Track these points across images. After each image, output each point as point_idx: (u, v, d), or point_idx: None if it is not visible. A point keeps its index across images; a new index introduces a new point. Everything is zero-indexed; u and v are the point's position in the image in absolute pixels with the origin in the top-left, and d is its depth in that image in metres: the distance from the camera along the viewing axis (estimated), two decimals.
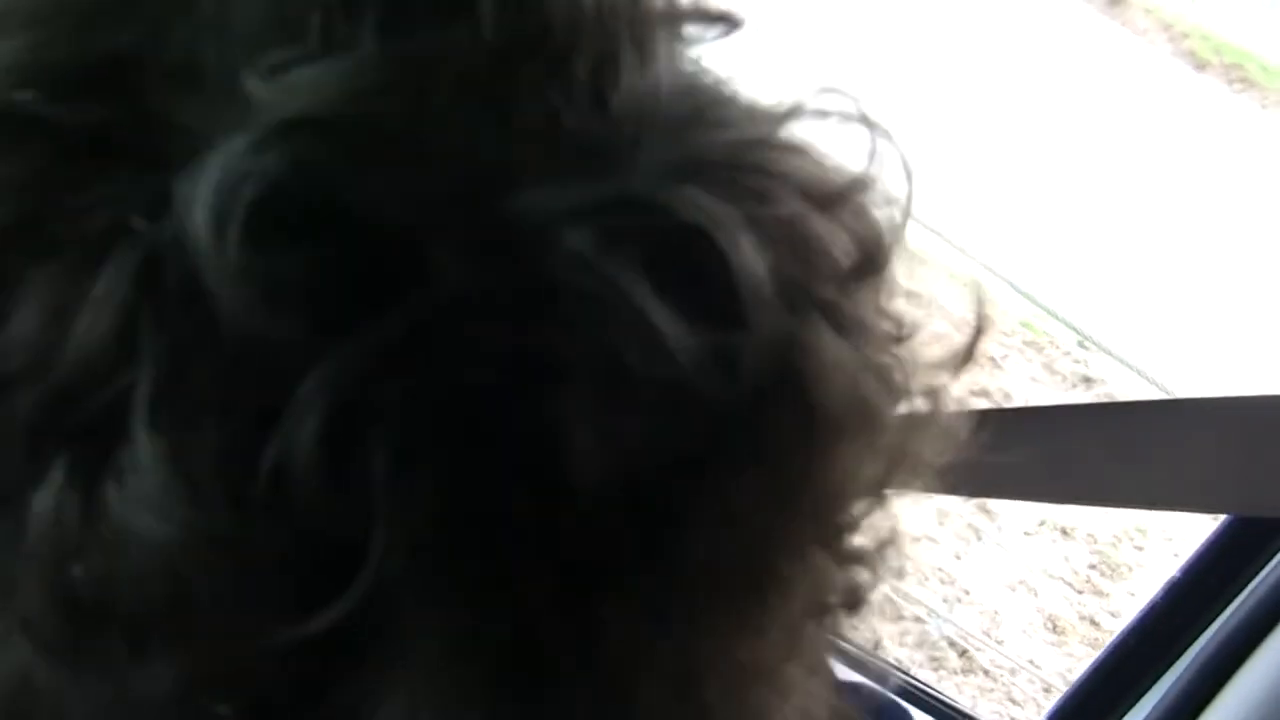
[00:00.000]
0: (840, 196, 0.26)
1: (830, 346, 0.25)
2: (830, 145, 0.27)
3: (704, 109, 0.26)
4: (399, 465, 0.22)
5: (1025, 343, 3.41)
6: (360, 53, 0.23)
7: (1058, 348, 3.44)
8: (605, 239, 0.23)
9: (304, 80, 0.22)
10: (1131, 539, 2.94)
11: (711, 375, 0.23)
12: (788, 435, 0.25)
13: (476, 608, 0.23)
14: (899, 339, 0.27)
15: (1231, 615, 0.97)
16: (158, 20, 0.24)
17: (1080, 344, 3.44)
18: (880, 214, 0.27)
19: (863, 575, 0.28)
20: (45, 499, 0.22)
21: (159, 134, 0.23)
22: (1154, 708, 0.99)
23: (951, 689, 2.40)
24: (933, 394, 0.28)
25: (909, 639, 2.52)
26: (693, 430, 0.24)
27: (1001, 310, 3.36)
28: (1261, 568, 0.97)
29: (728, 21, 0.27)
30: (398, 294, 0.22)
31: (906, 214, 0.28)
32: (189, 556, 0.22)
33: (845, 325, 0.25)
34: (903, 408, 0.27)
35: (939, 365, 0.29)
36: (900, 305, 0.27)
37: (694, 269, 0.23)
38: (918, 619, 2.56)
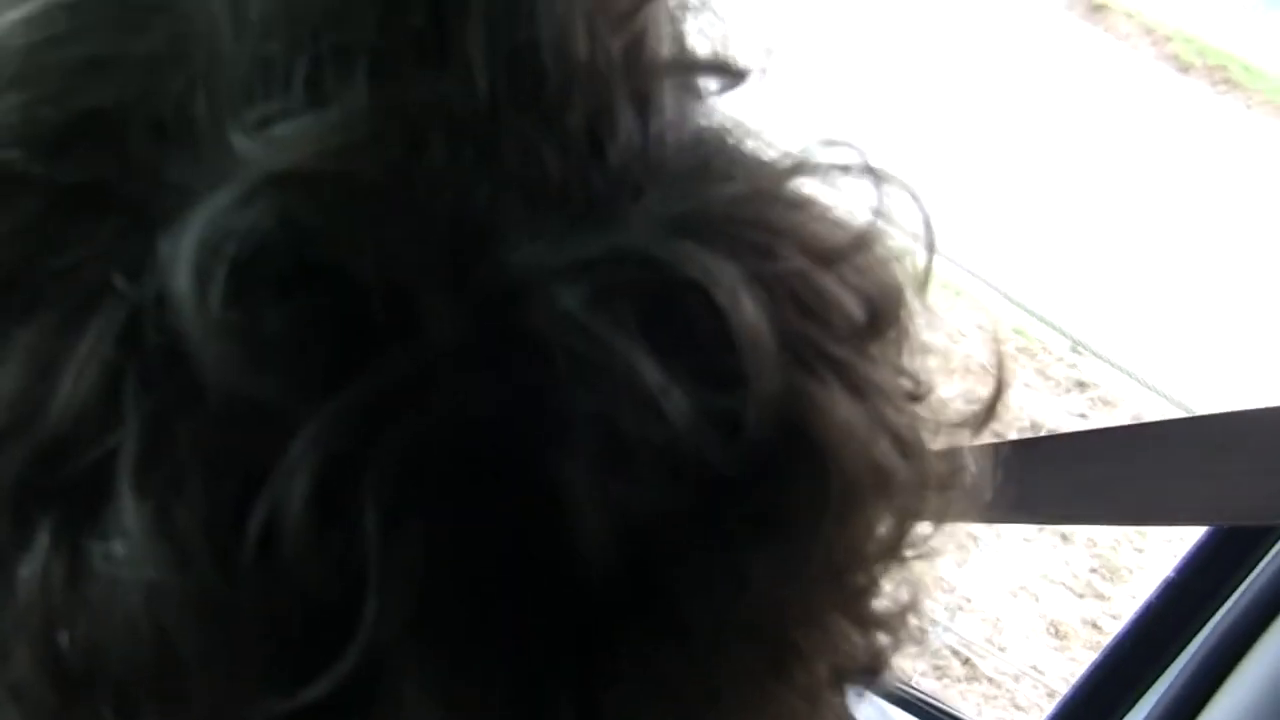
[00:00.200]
0: (844, 253, 0.25)
1: (840, 405, 0.24)
2: (843, 197, 0.26)
3: (709, 162, 0.25)
4: (391, 526, 0.21)
5: (1018, 349, 3.42)
6: (347, 105, 0.22)
7: (1050, 353, 3.44)
8: (598, 295, 0.22)
9: (289, 134, 0.22)
10: (1131, 541, 2.93)
11: (709, 438, 0.22)
12: (799, 498, 0.24)
13: (473, 675, 0.23)
14: (916, 397, 0.27)
15: (1226, 614, 0.97)
16: (148, 73, 0.23)
17: (1073, 349, 3.44)
18: (891, 269, 0.26)
19: (885, 639, 0.28)
20: (32, 563, 0.22)
21: (146, 189, 0.23)
22: (1152, 709, 0.99)
23: (955, 697, 2.40)
24: (953, 454, 0.28)
25: (912, 649, 2.52)
26: (694, 493, 0.23)
27: (993, 317, 3.36)
28: (1254, 566, 0.97)
29: (735, 74, 0.26)
30: (384, 350, 0.22)
31: (928, 266, 0.27)
32: (176, 623, 0.21)
33: (857, 383, 0.25)
34: (921, 467, 0.26)
35: (960, 424, 0.28)
36: (918, 361, 0.27)
37: (691, 326, 0.23)
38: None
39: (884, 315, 0.26)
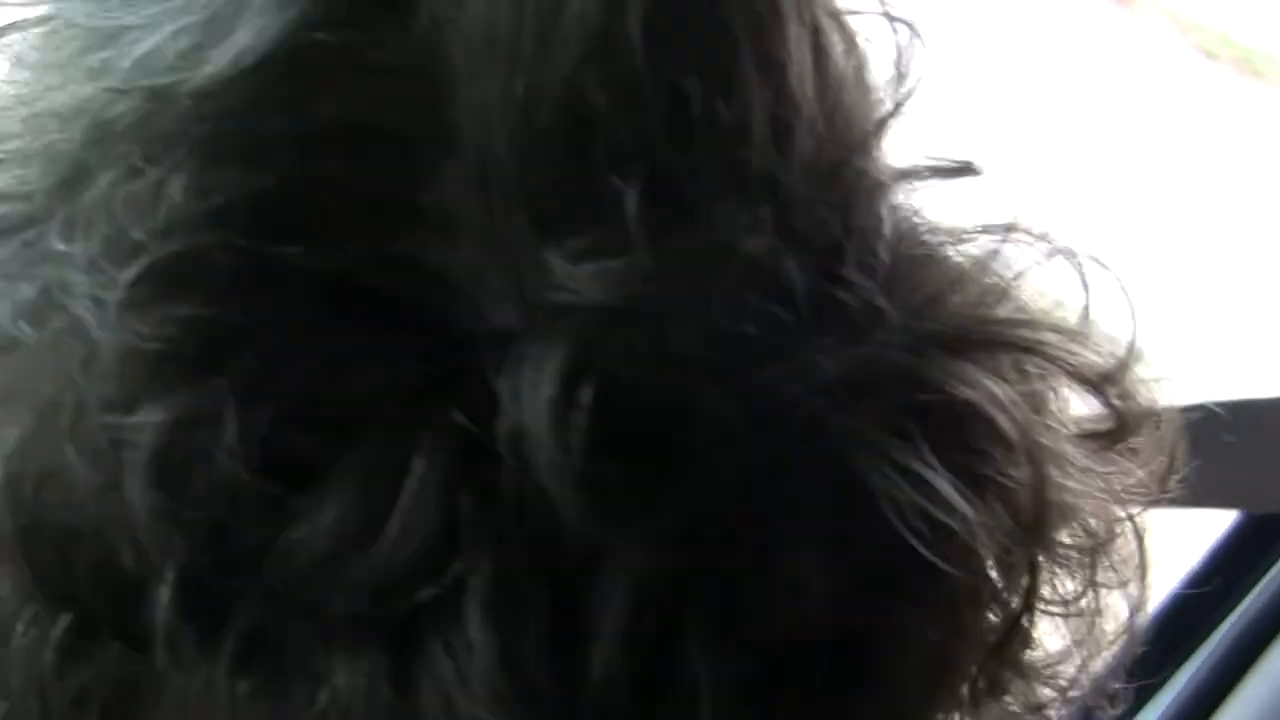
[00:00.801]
0: (1111, 378, 0.27)
1: (1067, 493, 0.26)
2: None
3: (944, 268, 0.26)
4: (715, 662, 0.22)
5: None
6: (667, 245, 0.22)
7: None
8: (886, 415, 0.23)
9: (617, 270, 0.21)
10: (1150, 531, 2.92)
11: (1002, 570, 0.24)
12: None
13: None
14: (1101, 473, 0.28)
15: (1245, 611, 0.96)
16: (407, 156, 0.22)
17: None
18: (1147, 390, 0.28)
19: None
20: (353, 685, 0.21)
21: (429, 291, 0.22)
22: (1169, 705, 0.99)
23: None
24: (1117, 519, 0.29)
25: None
26: (965, 616, 0.25)
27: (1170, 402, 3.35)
28: (1273, 564, 0.97)
29: (970, 172, 0.28)
30: (686, 481, 0.22)
31: (1129, 351, 0.28)
32: None
33: (1077, 470, 0.27)
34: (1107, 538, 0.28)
35: (1134, 489, 0.29)
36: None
37: (970, 447, 0.24)
38: None
39: (1128, 432, 0.28)
